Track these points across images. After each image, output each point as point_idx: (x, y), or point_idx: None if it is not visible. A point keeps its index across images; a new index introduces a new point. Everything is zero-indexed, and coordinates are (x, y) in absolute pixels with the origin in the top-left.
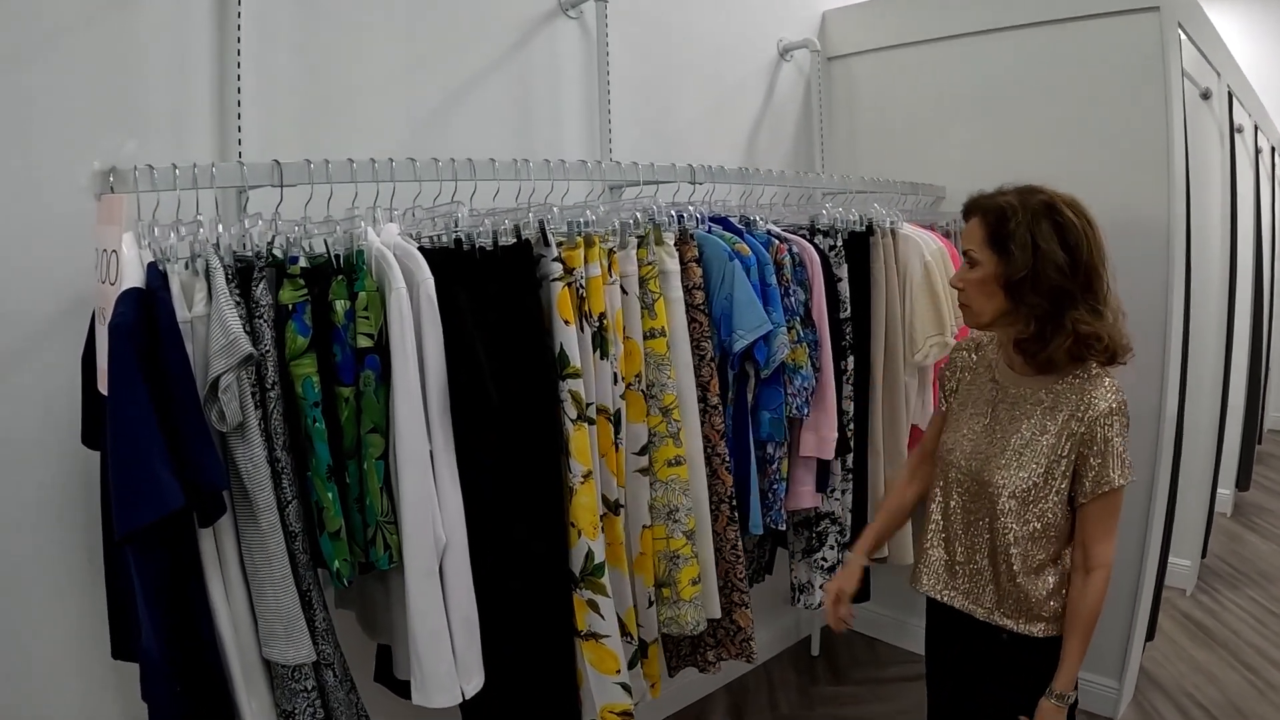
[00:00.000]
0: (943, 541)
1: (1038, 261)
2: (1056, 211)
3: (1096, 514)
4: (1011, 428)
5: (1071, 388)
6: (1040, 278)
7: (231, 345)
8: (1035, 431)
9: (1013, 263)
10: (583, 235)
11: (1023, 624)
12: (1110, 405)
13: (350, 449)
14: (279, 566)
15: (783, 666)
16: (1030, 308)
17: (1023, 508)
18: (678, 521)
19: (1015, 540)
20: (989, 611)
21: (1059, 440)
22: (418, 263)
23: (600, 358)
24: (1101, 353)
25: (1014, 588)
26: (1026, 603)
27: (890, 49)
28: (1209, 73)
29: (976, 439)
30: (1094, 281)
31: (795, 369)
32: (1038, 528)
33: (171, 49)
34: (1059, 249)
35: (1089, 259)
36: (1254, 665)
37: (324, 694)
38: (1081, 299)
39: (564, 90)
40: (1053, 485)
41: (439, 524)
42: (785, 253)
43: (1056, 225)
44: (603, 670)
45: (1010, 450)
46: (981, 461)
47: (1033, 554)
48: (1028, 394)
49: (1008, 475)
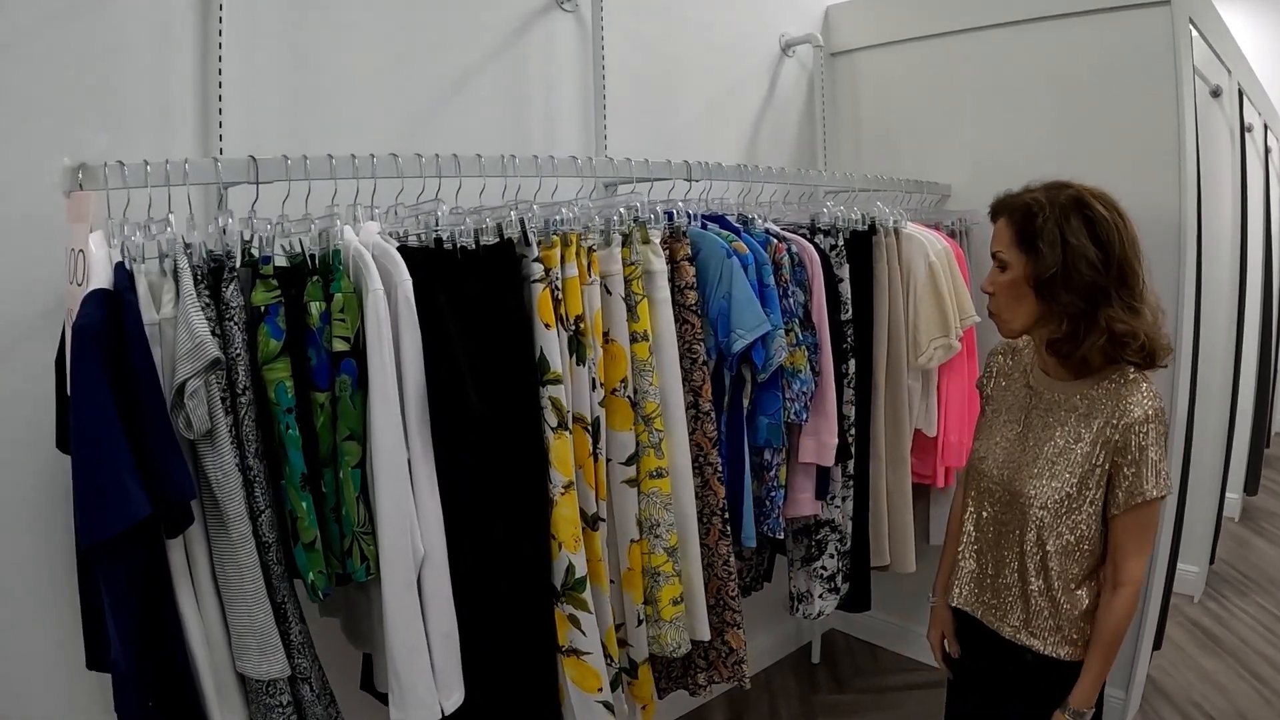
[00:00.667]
0: (975, 553)
1: (1068, 257)
2: (1086, 205)
3: (1129, 527)
4: (1045, 435)
5: (1107, 393)
6: (1072, 274)
7: (197, 349)
8: (1069, 439)
9: (1042, 261)
10: (559, 234)
11: (1050, 645)
12: (1146, 412)
13: (326, 457)
14: (250, 578)
15: (783, 674)
16: (1063, 307)
17: (1056, 520)
18: (659, 537)
19: (1048, 554)
20: (1015, 630)
21: (1093, 449)
22: (395, 263)
23: (577, 363)
24: (1138, 352)
25: (1046, 604)
26: (1057, 622)
27: (895, 44)
28: (1219, 70)
29: (1009, 447)
30: (1128, 277)
31: (794, 373)
32: (1071, 541)
33: (154, 43)
34: (1090, 244)
35: (1122, 253)
36: (1262, 675)
37: (300, 708)
38: (1117, 295)
39: (559, 86)
40: (1087, 496)
41: (417, 535)
42: (784, 252)
43: (1086, 219)
44: (584, 688)
45: (1043, 459)
46: (1013, 470)
47: (1067, 568)
48: (1062, 400)
49: (1040, 485)
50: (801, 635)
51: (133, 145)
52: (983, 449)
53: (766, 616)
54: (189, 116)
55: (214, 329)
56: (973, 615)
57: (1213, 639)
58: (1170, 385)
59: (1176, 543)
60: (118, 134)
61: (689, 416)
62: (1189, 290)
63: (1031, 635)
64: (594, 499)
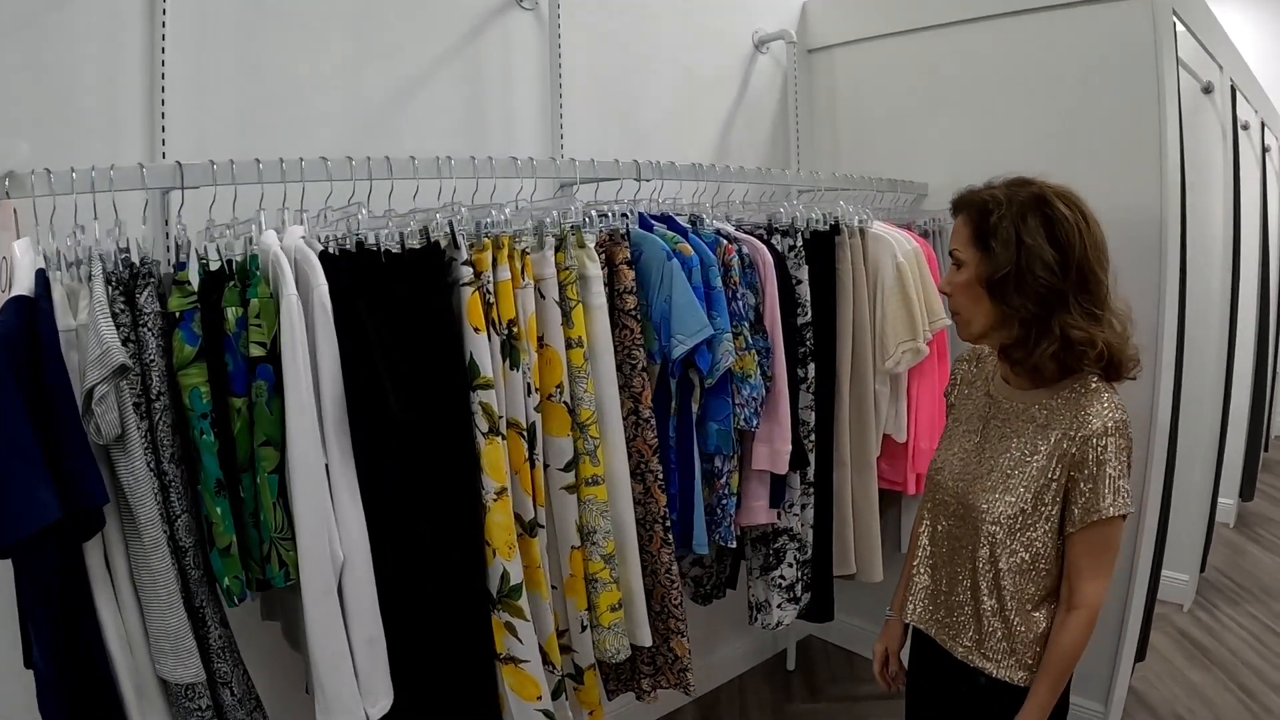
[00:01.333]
0: (929, 568)
1: (1022, 258)
2: (1047, 204)
3: (1085, 547)
4: (1001, 446)
5: (1066, 403)
6: (1025, 276)
7: (104, 355)
8: (1025, 452)
9: (995, 260)
10: (490, 237)
11: (1004, 669)
12: (1105, 424)
13: (244, 462)
14: (163, 583)
15: (756, 681)
16: (1015, 310)
17: (1009, 537)
18: (596, 544)
19: (1001, 572)
20: (968, 651)
21: (1049, 462)
22: (313, 267)
23: (510, 368)
24: (1095, 361)
25: (999, 624)
26: (1010, 644)
27: (873, 40)
28: (1211, 66)
29: (965, 458)
30: (1089, 282)
31: (743, 378)
32: (1025, 559)
33: (103, 49)
34: (1047, 245)
35: (1082, 256)
36: (1251, 688)
37: (221, 713)
38: (1075, 301)
39: (518, 86)
40: (1042, 512)
41: (336, 541)
42: (734, 253)
43: (1045, 219)
44: (523, 696)
45: (998, 472)
46: (968, 483)
47: (1021, 588)
48: (1020, 409)
49: (993, 500)
50: (777, 642)
51: (84, 153)
52: (940, 459)
53: (739, 623)
54: (139, 123)
55: (129, 335)
56: (926, 633)
57: (1201, 650)
58: (1152, 388)
59: (1160, 550)
60: (67, 141)
61: (629, 423)
62: (1171, 291)
63: (984, 658)
64: (531, 505)
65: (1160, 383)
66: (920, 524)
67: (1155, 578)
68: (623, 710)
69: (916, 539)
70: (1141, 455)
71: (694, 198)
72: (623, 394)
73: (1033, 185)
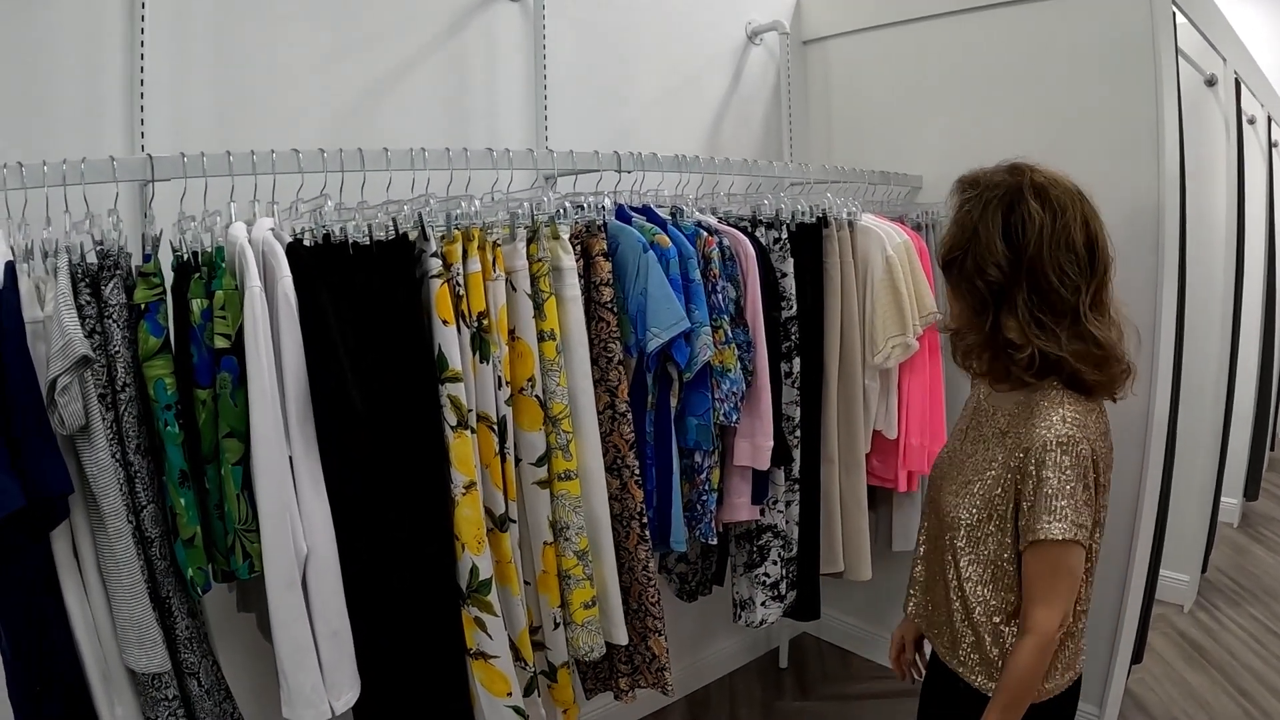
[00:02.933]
0: (923, 560)
1: (971, 246)
2: (1019, 198)
3: (1033, 568)
4: (971, 450)
5: (1024, 411)
6: (968, 265)
7: (66, 347)
8: (986, 458)
9: (950, 239)
10: (461, 229)
11: (979, 679)
12: (1047, 439)
13: (209, 453)
14: (127, 573)
15: (748, 679)
16: (962, 296)
17: (968, 545)
18: (568, 540)
19: (964, 579)
20: (947, 653)
21: (1002, 472)
22: (279, 259)
23: (480, 361)
24: (1024, 368)
25: (969, 631)
26: (982, 654)
27: (868, 31)
28: (1214, 58)
29: (950, 457)
30: (1042, 286)
31: (723, 372)
32: (984, 572)
33: (83, 41)
34: (999, 238)
35: (1036, 257)
36: (1250, 691)
37: (188, 703)
38: (1024, 302)
39: (502, 77)
40: (997, 522)
41: (299, 533)
42: (714, 245)
43: (1007, 212)
44: (493, 692)
45: (963, 475)
46: (942, 482)
47: (985, 599)
48: (993, 411)
49: (955, 503)
50: (770, 639)
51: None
52: (939, 455)
53: (729, 619)
54: (118, 115)
55: (95, 327)
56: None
57: (1200, 651)
58: (1149, 386)
59: (1158, 550)
60: (46, 133)
61: (605, 418)
62: (1169, 287)
63: (960, 663)
64: (502, 499)
65: (1157, 380)
66: (922, 518)
67: (1153, 578)
68: (609, 708)
69: (920, 530)
70: (1137, 455)
71: (679, 189)
72: (599, 388)
73: (1021, 175)
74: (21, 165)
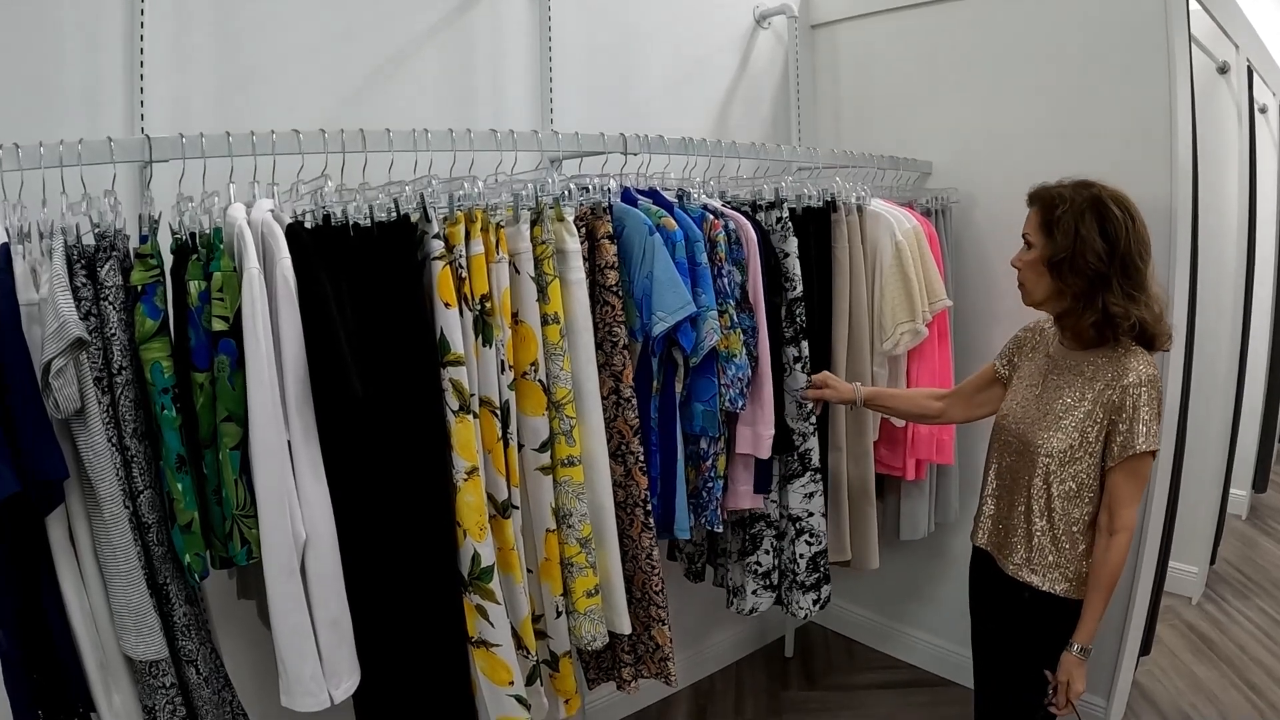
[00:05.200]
0: (994, 498)
1: (1077, 245)
2: (1102, 204)
3: (1122, 478)
4: (1055, 395)
5: (1109, 361)
6: (1078, 260)
7: (61, 329)
8: (1075, 399)
9: (1055, 245)
10: (464, 210)
11: (1048, 581)
12: (1140, 376)
13: (206, 438)
14: (124, 559)
15: (754, 668)
16: (1069, 286)
17: (1060, 468)
18: (571, 527)
19: (1053, 498)
20: (1018, 567)
21: (1094, 407)
22: (278, 240)
23: (483, 344)
24: (1128, 332)
25: (1048, 542)
26: (1056, 559)
27: (877, 14)
28: (1226, 45)
29: (1027, 406)
30: (1130, 270)
31: (728, 357)
32: (1073, 488)
33: (83, 21)
34: (1098, 237)
35: (1126, 249)
36: (1258, 684)
37: (186, 691)
38: (1118, 283)
39: (508, 58)
40: (1088, 448)
41: (298, 519)
42: (720, 229)
43: (1099, 216)
44: (495, 680)
45: (1052, 415)
46: (1028, 425)
47: (1069, 512)
48: (1073, 365)
49: (1048, 437)
50: (775, 628)
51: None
52: (1006, 408)
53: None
54: (119, 97)
55: (91, 309)
56: (988, 553)
57: (1208, 644)
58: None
59: (1168, 542)
60: (47, 115)
61: (610, 403)
62: (1181, 276)
63: (1032, 572)
64: (505, 485)
65: (1168, 372)
66: (989, 463)
67: (1162, 570)
68: (613, 697)
69: (986, 475)
70: None
71: (685, 173)
72: (603, 373)
73: (1093, 188)
74: (18, 147)
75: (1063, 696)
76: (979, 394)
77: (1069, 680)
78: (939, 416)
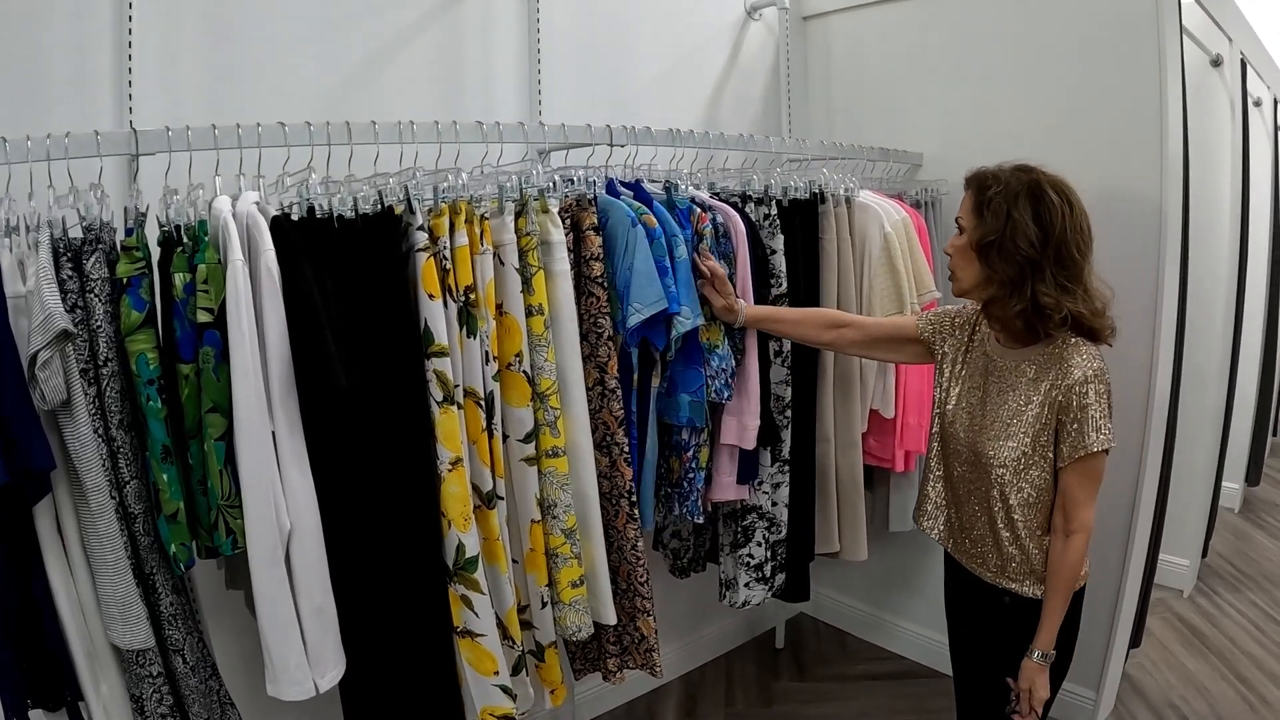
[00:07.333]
0: (951, 506)
1: (1008, 228)
2: (1039, 188)
3: (1075, 480)
4: (1000, 400)
5: (1051, 358)
6: (1007, 245)
7: (47, 321)
8: (1021, 403)
9: (985, 227)
10: (448, 202)
11: (1026, 587)
12: (1085, 372)
13: (192, 428)
14: (110, 548)
15: (744, 659)
16: (997, 272)
17: (1015, 477)
18: (556, 518)
19: (1011, 508)
20: (995, 575)
21: (1042, 410)
22: (262, 232)
23: (468, 336)
24: (1059, 325)
25: (1016, 551)
26: (1029, 566)
27: (870, 6)
28: (1220, 38)
29: (972, 411)
30: (1065, 259)
31: (711, 348)
32: (1031, 495)
33: (72, 13)
34: (1031, 222)
35: (1061, 236)
36: (1249, 677)
37: (173, 680)
38: (1052, 274)
39: (497, 50)
40: (1040, 452)
41: (282, 509)
42: (707, 222)
43: (1034, 199)
44: (480, 670)
45: (1000, 422)
46: (976, 433)
47: (1030, 519)
48: (1013, 366)
49: (999, 446)
50: (766, 619)
51: (51, 118)
52: (950, 414)
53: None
54: (108, 89)
55: (77, 301)
56: (958, 561)
57: (1199, 637)
58: (1149, 371)
59: (1158, 534)
60: (36, 107)
61: (595, 394)
62: (1170, 271)
63: (1010, 580)
64: (490, 476)
65: (1158, 364)
66: (932, 473)
67: (1152, 562)
68: (604, 687)
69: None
70: (1138, 439)
71: (673, 165)
72: (588, 364)
73: (1032, 172)
74: (5, 140)
75: (1026, 704)
76: (888, 341)
77: (1030, 688)
78: (830, 345)
